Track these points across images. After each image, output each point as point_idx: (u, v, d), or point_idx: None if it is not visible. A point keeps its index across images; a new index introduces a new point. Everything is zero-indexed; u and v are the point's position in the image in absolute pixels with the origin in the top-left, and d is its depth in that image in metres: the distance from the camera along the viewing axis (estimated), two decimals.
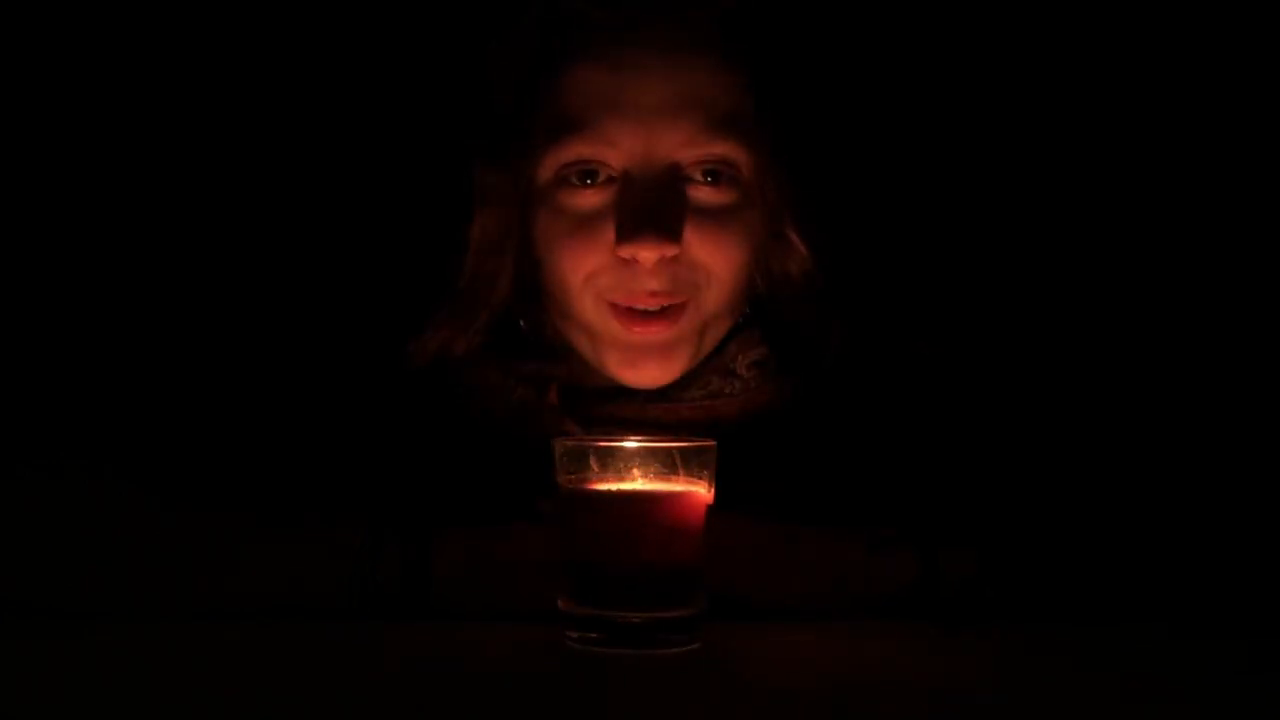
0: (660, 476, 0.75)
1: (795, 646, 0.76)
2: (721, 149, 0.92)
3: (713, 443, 0.77)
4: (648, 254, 0.90)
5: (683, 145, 0.91)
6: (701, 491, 0.75)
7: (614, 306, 0.93)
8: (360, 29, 1.23)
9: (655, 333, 0.92)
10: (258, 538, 0.83)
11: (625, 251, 0.90)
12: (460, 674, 0.70)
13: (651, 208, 0.90)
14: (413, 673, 0.70)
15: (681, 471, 0.75)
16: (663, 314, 0.92)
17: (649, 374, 0.94)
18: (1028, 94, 1.22)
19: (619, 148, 0.91)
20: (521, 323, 1.00)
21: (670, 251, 0.90)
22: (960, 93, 1.23)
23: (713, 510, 0.76)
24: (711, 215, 0.92)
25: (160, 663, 0.72)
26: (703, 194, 0.92)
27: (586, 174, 0.92)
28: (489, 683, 0.68)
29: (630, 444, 0.76)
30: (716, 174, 0.92)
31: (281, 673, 0.70)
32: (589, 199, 0.92)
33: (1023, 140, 1.23)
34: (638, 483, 0.75)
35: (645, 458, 0.76)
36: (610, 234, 0.91)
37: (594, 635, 0.74)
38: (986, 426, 0.97)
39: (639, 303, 0.92)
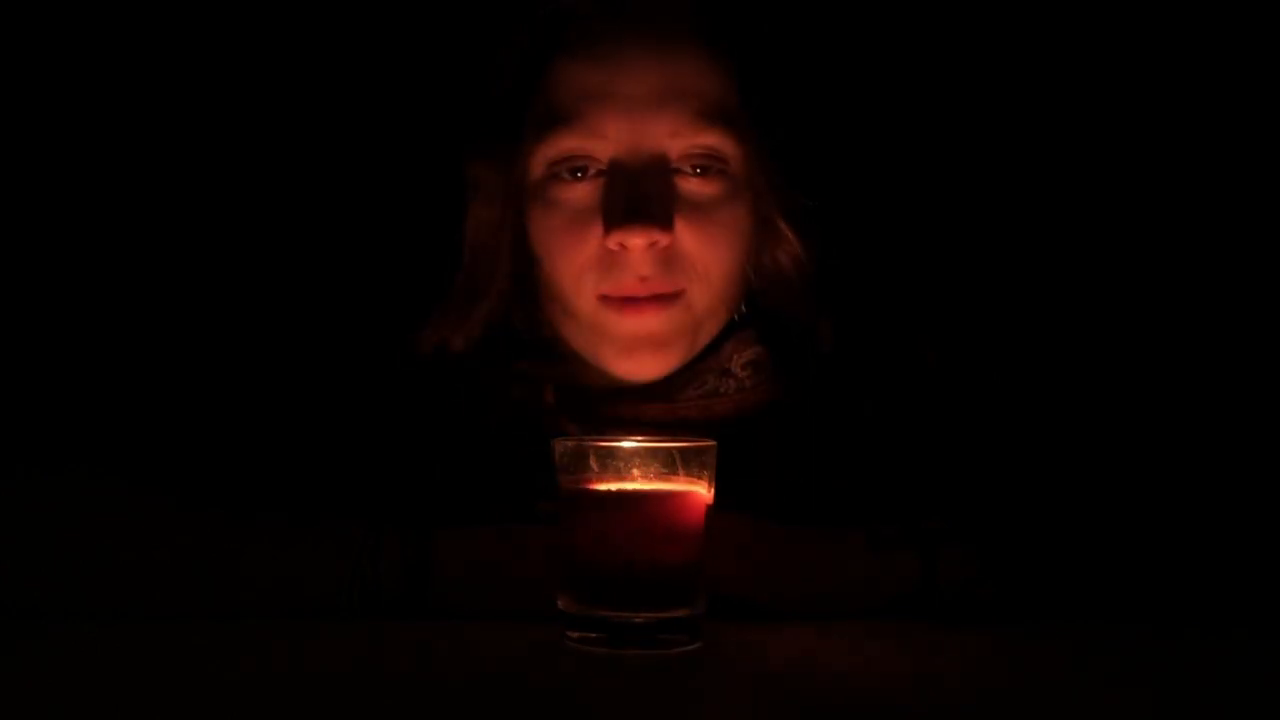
0: (660, 476, 0.75)
1: (795, 646, 0.76)
2: (709, 139, 0.92)
3: (713, 443, 0.77)
4: (636, 241, 0.90)
5: (670, 136, 0.91)
6: (701, 491, 0.75)
7: (607, 299, 0.93)
8: (354, 27, 1.23)
9: (649, 318, 0.92)
10: (258, 537, 0.83)
11: (614, 240, 0.90)
12: (460, 674, 0.70)
13: (639, 197, 0.90)
14: (413, 673, 0.70)
15: (681, 471, 0.75)
16: (655, 300, 0.92)
17: (644, 365, 0.94)
18: (1017, 80, 1.22)
19: (607, 140, 0.91)
20: (517, 323, 1.00)
21: (660, 239, 0.90)
22: (948, 80, 1.22)
23: (713, 510, 0.76)
24: (701, 207, 0.92)
25: (160, 663, 0.72)
26: (692, 186, 0.92)
27: (577, 168, 0.92)
28: (489, 683, 0.68)
29: (630, 444, 0.76)
30: (705, 166, 0.93)
31: (281, 673, 0.70)
32: (580, 193, 0.92)
33: (1012, 127, 1.22)
34: (638, 483, 0.75)
35: (645, 458, 0.75)
36: (601, 227, 0.91)
37: (594, 635, 0.74)
38: (986, 425, 0.97)
39: (630, 291, 0.92)
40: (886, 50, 1.21)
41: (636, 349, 0.93)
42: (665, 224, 0.90)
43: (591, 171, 0.92)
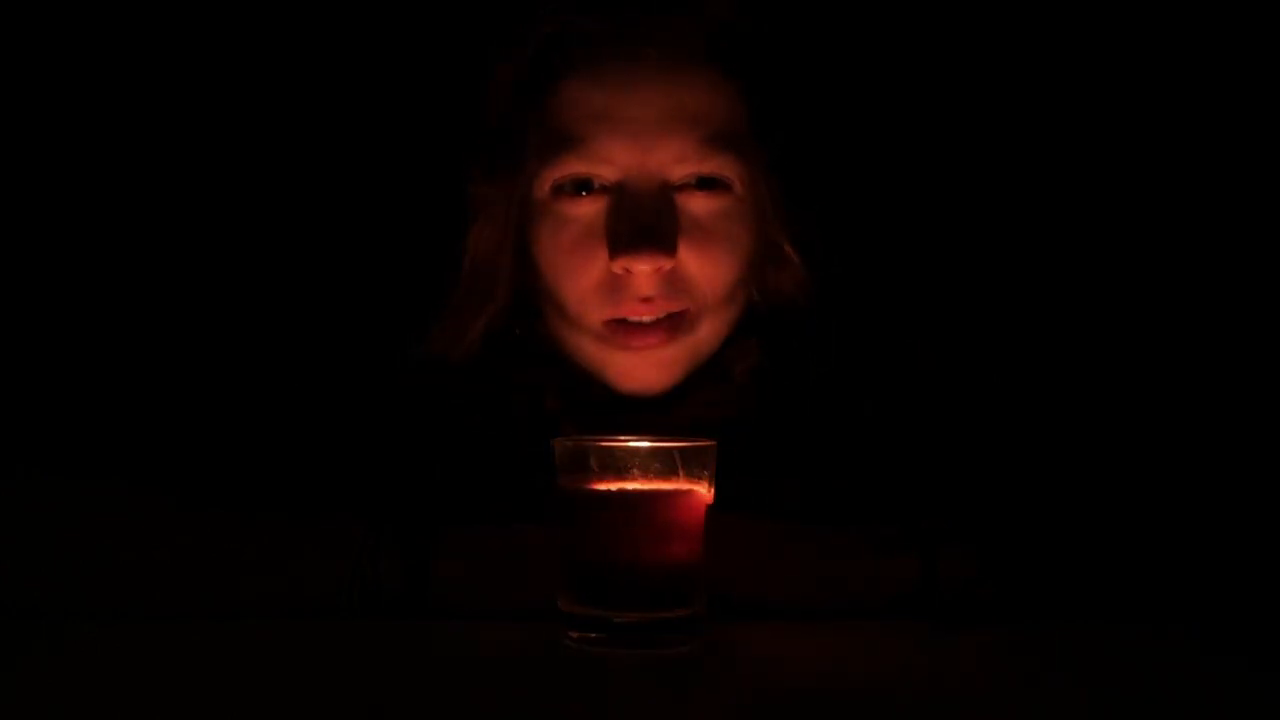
0: (660, 476, 0.75)
1: (795, 646, 0.76)
2: (714, 165, 0.92)
3: (713, 443, 0.77)
4: (642, 267, 0.90)
5: (676, 161, 0.91)
6: (701, 491, 0.75)
7: (610, 323, 0.93)
8: (360, 43, 1.23)
9: (653, 344, 0.93)
10: (258, 538, 0.83)
11: (620, 265, 0.91)
12: (460, 674, 0.70)
13: (645, 221, 0.90)
14: (413, 673, 0.70)
15: (681, 471, 0.75)
16: (658, 325, 0.93)
17: (646, 382, 0.95)
18: (1024, 104, 1.22)
19: (613, 163, 0.91)
20: (516, 330, 1.00)
21: (665, 264, 0.91)
22: (955, 104, 1.23)
23: (713, 510, 0.76)
24: (704, 227, 0.92)
25: (160, 663, 0.72)
26: (696, 203, 0.92)
27: (581, 185, 0.92)
28: (489, 683, 0.68)
29: (630, 444, 0.76)
30: (711, 182, 0.93)
31: (281, 673, 0.70)
32: (585, 209, 0.93)
33: (1019, 150, 1.23)
34: (638, 483, 0.75)
35: (645, 458, 0.76)
36: (606, 249, 0.91)
37: (594, 635, 0.74)
38: (986, 426, 0.97)
39: (632, 314, 0.92)
40: (894, 74, 1.21)
41: (640, 367, 0.94)
42: (670, 249, 0.90)
43: (596, 187, 0.92)
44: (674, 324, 0.93)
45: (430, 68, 1.18)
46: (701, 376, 0.97)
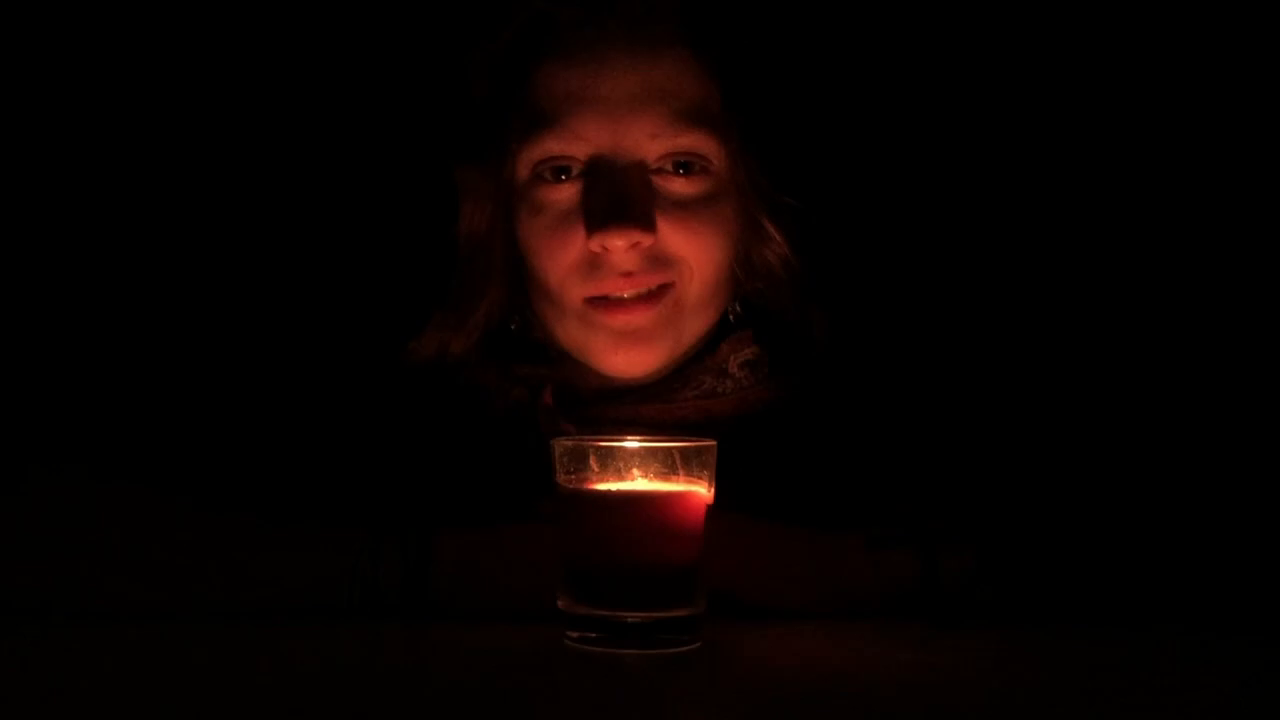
0: (660, 476, 0.75)
1: (795, 646, 0.76)
2: (689, 141, 0.92)
3: (713, 442, 0.77)
4: (617, 242, 0.91)
5: (650, 138, 0.92)
6: (701, 491, 0.75)
7: (593, 302, 0.93)
8: (343, 33, 1.23)
9: (636, 316, 0.93)
10: (259, 538, 0.83)
11: (595, 243, 0.91)
12: (460, 674, 0.70)
13: (618, 198, 0.91)
14: (413, 673, 0.70)
15: (681, 471, 0.75)
16: (638, 300, 0.93)
17: (631, 361, 0.95)
18: (1002, 74, 1.21)
19: (587, 141, 0.92)
20: (512, 325, 1.00)
21: (642, 239, 0.91)
22: (932, 76, 1.22)
23: (713, 510, 0.76)
24: (684, 205, 0.93)
25: (160, 663, 0.72)
26: (675, 185, 0.93)
27: (560, 170, 0.93)
28: (489, 683, 0.68)
29: (630, 444, 0.76)
30: (688, 165, 0.93)
31: (282, 673, 0.70)
32: (563, 194, 0.93)
33: (1000, 121, 1.22)
34: (638, 483, 0.75)
35: (645, 457, 0.76)
36: (584, 229, 0.91)
37: (594, 635, 0.74)
38: (985, 425, 0.97)
39: (614, 289, 0.92)
40: (868, 46, 1.21)
41: (623, 344, 0.94)
42: (646, 225, 0.91)
43: (574, 173, 0.93)
44: (655, 297, 0.93)
45: (414, 56, 1.17)
46: (697, 370, 0.97)
